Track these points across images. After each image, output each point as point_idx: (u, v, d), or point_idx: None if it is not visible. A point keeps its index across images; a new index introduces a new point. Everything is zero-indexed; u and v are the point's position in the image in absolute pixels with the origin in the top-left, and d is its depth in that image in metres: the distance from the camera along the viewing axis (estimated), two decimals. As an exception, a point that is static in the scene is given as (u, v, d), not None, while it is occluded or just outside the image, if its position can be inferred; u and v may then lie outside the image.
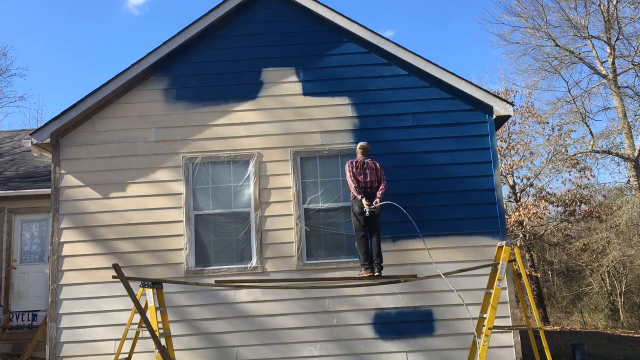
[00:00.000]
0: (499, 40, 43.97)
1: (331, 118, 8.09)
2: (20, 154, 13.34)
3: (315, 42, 8.33)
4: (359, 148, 7.42)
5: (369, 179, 7.12)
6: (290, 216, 7.82)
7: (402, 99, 8.14)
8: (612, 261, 21.04)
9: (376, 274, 6.97)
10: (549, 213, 21.29)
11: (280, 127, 8.09)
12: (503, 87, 23.34)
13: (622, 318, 21.25)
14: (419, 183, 7.91)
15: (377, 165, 7.27)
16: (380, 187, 7.14)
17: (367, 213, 6.89)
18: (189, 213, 7.87)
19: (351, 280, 7.38)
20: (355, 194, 7.06)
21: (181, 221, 7.83)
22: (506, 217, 12.95)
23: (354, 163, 7.23)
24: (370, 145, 7.45)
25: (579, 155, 21.37)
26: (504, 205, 13.14)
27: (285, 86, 8.21)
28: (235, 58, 8.29)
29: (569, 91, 22.76)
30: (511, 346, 7.50)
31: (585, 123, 21.99)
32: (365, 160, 7.26)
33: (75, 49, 57.11)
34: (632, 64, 21.75)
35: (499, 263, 6.81)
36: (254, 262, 7.71)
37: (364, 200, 6.95)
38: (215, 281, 7.29)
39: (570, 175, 20.62)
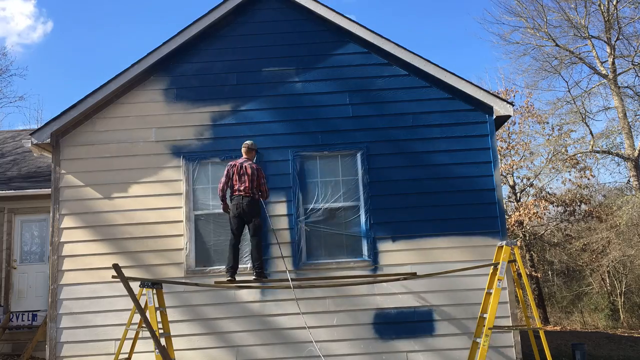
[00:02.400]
0: (499, 40, 43.83)
1: (331, 118, 8.09)
2: (22, 154, 13.33)
3: (316, 42, 8.33)
4: (243, 147, 7.26)
5: (242, 186, 6.92)
6: (290, 216, 7.82)
7: (403, 98, 8.14)
8: (612, 261, 21.02)
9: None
10: (549, 213, 21.28)
11: (280, 126, 8.09)
12: (503, 87, 23.28)
13: (622, 318, 21.23)
14: (419, 183, 7.91)
15: (255, 170, 7.01)
16: (247, 191, 6.90)
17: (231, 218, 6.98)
18: (189, 213, 7.87)
19: (349, 279, 7.40)
20: (221, 200, 7.04)
21: (181, 221, 7.83)
22: (506, 217, 12.95)
23: (232, 166, 7.03)
24: (255, 145, 7.27)
25: (579, 155, 21.36)
26: (504, 205, 13.14)
27: (285, 86, 8.21)
28: (235, 58, 8.29)
29: (569, 91, 22.77)
30: (511, 346, 7.50)
31: (585, 123, 21.99)
32: (245, 165, 7.02)
33: (75, 49, 57.12)
34: (632, 64, 21.75)
35: (499, 263, 6.82)
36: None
37: (230, 205, 7.00)
38: (215, 282, 7.29)
39: (570, 175, 20.61)
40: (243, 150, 7.30)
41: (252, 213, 6.97)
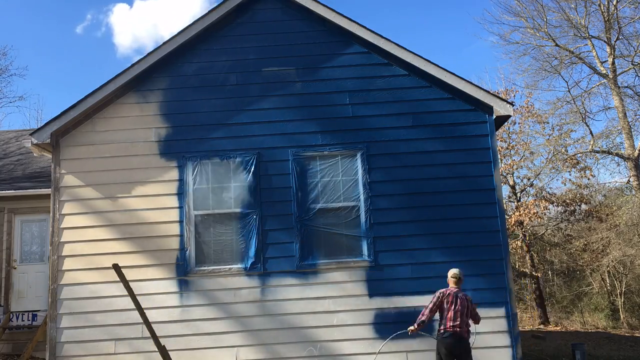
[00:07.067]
0: (499, 40, 43.94)
1: (332, 118, 8.09)
2: (26, 154, 13.33)
3: (316, 42, 8.33)
4: None
5: None
6: (290, 216, 7.83)
7: (403, 98, 8.14)
8: (612, 261, 21.02)
9: None
10: (549, 213, 21.30)
11: (280, 127, 8.09)
12: (503, 87, 23.30)
13: (622, 318, 21.24)
14: (419, 183, 7.90)
15: None
16: None
17: None
18: (189, 213, 7.87)
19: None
20: None
21: (181, 221, 7.83)
22: (506, 217, 12.95)
23: None
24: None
25: (579, 155, 21.37)
26: (504, 205, 13.14)
27: (285, 86, 8.20)
28: (235, 58, 8.29)
29: (569, 91, 22.77)
30: (511, 346, 7.50)
31: (585, 123, 22.00)
32: None
33: (75, 49, 57.13)
34: (632, 64, 21.75)
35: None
36: (254, 262, 7.70)
37: None
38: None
39: (570, 175, 20.64)
40: None
41: None
